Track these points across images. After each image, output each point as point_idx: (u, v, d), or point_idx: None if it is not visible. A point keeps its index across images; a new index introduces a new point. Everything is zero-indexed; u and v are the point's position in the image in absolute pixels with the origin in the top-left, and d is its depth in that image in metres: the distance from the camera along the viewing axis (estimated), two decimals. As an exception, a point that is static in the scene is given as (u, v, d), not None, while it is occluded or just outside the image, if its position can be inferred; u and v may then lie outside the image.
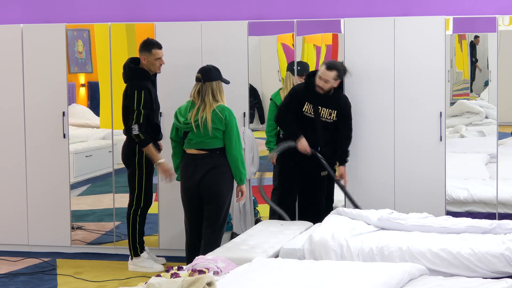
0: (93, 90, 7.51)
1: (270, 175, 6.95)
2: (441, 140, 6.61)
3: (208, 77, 5.73)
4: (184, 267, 4.62)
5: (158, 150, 6.57)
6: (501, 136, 6.85)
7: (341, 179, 6.50)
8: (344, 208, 5.87)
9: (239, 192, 5.91)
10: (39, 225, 7.34)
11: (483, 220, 5.48)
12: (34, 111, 7.28)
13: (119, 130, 6.88)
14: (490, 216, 6.53)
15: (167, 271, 4.48)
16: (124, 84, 6.56)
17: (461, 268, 4.82)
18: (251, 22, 6.91)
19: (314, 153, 6.36)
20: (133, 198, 6.57)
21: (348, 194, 6.47)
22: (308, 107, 6.41)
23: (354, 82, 6.72)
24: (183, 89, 6.95)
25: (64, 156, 7.25)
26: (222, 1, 7.22)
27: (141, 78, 6.42)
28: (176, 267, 4.58)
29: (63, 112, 7.21)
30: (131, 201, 6.58)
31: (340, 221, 5.55)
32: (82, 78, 7.54)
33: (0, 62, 7.34)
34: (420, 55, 6.61)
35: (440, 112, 6.60)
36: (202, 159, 5.77)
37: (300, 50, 6.91)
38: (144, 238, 6.70)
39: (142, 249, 6.66)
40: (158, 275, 4.39)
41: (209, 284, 3.92)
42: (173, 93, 6.98)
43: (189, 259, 5.82)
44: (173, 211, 7.05)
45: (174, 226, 7.07)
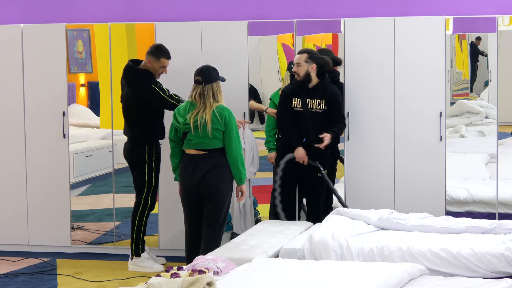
0: (93, 90, 7.51)
1: (269, 175, 6.94)
2: (441, 140, 6.61)
3: (209, 79, 5.73)
4: (184, 267, 4.61)
5: (159, 151, 6.60)
6: (501, 136, 6.84)
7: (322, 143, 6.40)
8: (344, 208, 5.87)
9: (239, 192, 5.91)
10: (39, 225, 7.34)
11: (483, 220, 5.48)
12: (34, 111, 7.28)
13: (119, 130, 6.88)
14: (490, 216, 6.53)
15: (167, 271, 4.48)
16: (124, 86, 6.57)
17: (461, 268, 4.81)
18: (251, 22, 6.91)
19: (312, 163, 6.37)
20: (140, 198, 6.57)
21: (336, 193, 6.47)
22: (296, 101, 6.42)
23: (354, 82, 6.72)
24: (183, 88, 6.95)
25: (64, 156, 7.25)
26: (222, 1, 7.22)
27: (147, 78, 6.47)
28: (176, 267, 4.58)
29: (63, 112, 7.21)
30: (139, 201, 6.58)
31: (340, 221, 5.55)
32: (82, 78, 7.54)
33: (0, 62, 7.34)
34: (420, 55, 6.61)
35: (440, 112, 6.60)
36: (201, 159, 5.77)
37: (300, 50, 6.91)
38: (144, 238, 6.71)
39: (143, 249, 6.67)
40: (158, 275, 4.39)
41: (209, 284, 3.92)
42: (173, 92, 6.97)
43: (188, 259, 5.82)
44: (173, 211, 7.05)
45: (174, 226, 7.07)
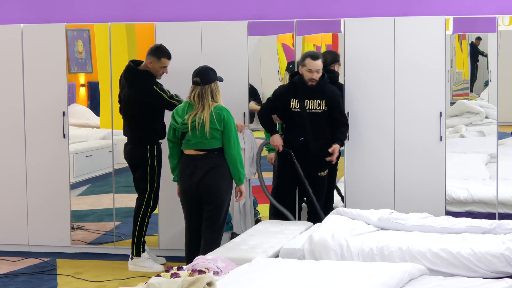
0: (93, 90, 7.50)
1: (269, 175, 6.94)
2: (441, 140, 6.61)
3: (207, 80, 5.72)
4: (184, 267, 4.61)
5: (161, 151, 6.60)
6: (501, 136, 6.84)
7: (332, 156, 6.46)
8: (344, 208, 5.87)
9: (238, 192, 5.91)
10: (39, 225, 7.34)
11: (483, 220, 5.48)
12: (34, 111, 7.28)
13: (119, 130, 6.88)
14: (490, 216, 6.53)
15: (167, 271, 4.48)
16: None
17: (461, 268, 4.82)
18: (251, 22, 6.91)
19: (287, 151, 6.41)
20: (143, 198, 6.57)
21: (315, 202, 6.44)
22: (294, 102, 6.44)
23: (354, 82, 6.72)
24: (183, 88, 6.93)
25: (64, 156, 7.25)
26: (222, 1, 7.22)
27: (148, 79, 6.46)
28: (176, 267, 4.58)
29: (63, 112, 7.21)
30: (141, 201, 6.58)
31: (340, 221, 5.55)
32: (82, 78, 7.54)
33: (0, 62, 7.34)
34: (420, 55, 6.61)
35: (440, 112, 6.60)
36: (200, 160, 5.76)
37: (300, 50, 6.90)
38: (145, 238, 6.70)
39: (143, 249, 6.67)
40: (158, 275, 4.39)
41: (209, 284, 3.92)
42: (173, 92, 6.97)
43: (188, 259, 5.82)
44: (173, 211, 7.05)
45: (174, 226, 7.07)
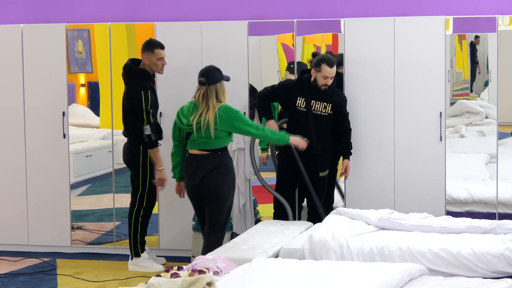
0: (93, 90, 7.50)
1: (268, 175, 6.93)
2: (441, 140, 6.61)
3: (212, 80, 5.73)
4: (184, 267, 4.62)
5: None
6: (501, 136, 6.84)
7: (345, 173, 6.56)
8: (344, 208, 5.87)
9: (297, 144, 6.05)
10: (39, 225, 7.34)
11: (483, 220, 5.48)
12: (34, 111, 7.28)
13: (119, 130, 6.88)
14: (490, 216, 6.53)
15: (167, 271, 4.48)
16: (123, 84, 6.56)
17: (461, 268, 4.81)
18: (251, 22, 6.91)
19: (295, 157, 6.40)
20: (136, 198, 6.56)
21: (316, 201, 6.46)
22: (300, 101, 6.42)
23: (354, 82, 6.72)
24: (183, 89, 6.95)
25: (64, 156, 7.24)
26: (222, 1, 7.22)
27: (144, 78, 6.43)
28: (176, 267, 4.58)
29: (63, 112, 7.21)
30: (134, 201, 6.58)
31: (340, 221, 5.55)
32: (82, 78, 7.54)
33: (0, 62, 7.34)
34: (420, 55, 6.61)
35: (440, 112, 6.60)
36: (203, 160, 5.77)
37: (300, 50, 6.91)
38: (145, 238, 6.70)
39: (143, 249, 6.66)
40: (158, 275, 4.39)
41: (209, 284, 3.92)
42: (173, 93, 6.98)
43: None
44: (173, 211, 7.05)
45: (174, 226, 7.07)
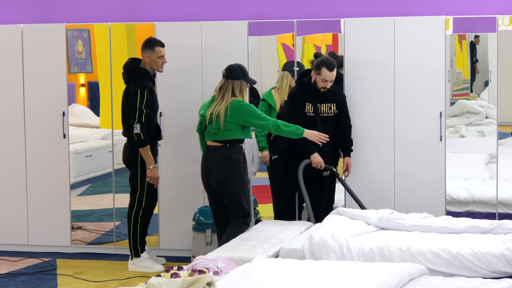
0: (93, 90, 7.51)
1: (262, 175, 6.94)
2: (441, 140, 6.61)
3: (231, 75, 5.96)
4: (184, 267, 4.62)
5: (156, 153, 6.59)
6: (501, 136, 6.84)
7: (347, 171, 6.58)
8: (344, 208, 5.86)
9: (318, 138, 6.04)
10: (39, 225, 7.34)
11: (483, 220, 5.47)
12: (34, 111, 7.28)
13: (119, 130, 6.88)
14: (490, 216, 6.53)
15: (167, 271, 4.48)
16: (124, 84, 6.56)
17: (461, 268, 4.81)
18: (251, 22, 6.91)
19: (329, 168, 6.40)
20: (134, 198, 6.56)
21: (351, 191, 6.47)
22: (309, 106, 6.43)
23: (354, 82, 6.72)
24: (183, 89, 6.96)
25: (64, 156, 7.25)
26: (222, 1, 7.22)
27: (143, 77, 6.43)
28: (176, 267, 4.58)
29: (63, 112, 7.21)
30: (133, 201, 6.57)
31: (340, 221, 5.55)
32: (82, 78, 7.54)
33: (0, 62, 7.34)
34: (420, 55, 6.61)
35: (440, 112, 6.60)
36: (214, 151, 5.98)
37: (300, 50, 6.91)
38: (145, 238, 6.70)
39: (143, 249, 6.66)
40: (158, 275, 4.39)
41: (209, 284, 3.92)
42: (173, 92, 6.98)
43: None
44: (173, 211, 7.05)
45: (174, 226, 7.07)
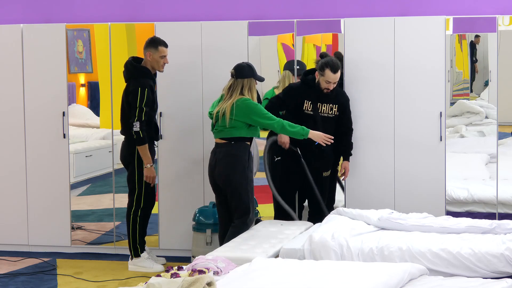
0: (93, 90, 7.51)
1: (261, 175, 6.93)
2: (441, 140, 6.61)
3: (240, 74, 5.99)
4: (184, 267, 4.62)
5: (153, 153, 6.59)
6: (501, 136, 6.84)
7: (344, 175, 6.59)
8: (344, 208, 5.87)
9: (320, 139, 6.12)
10: (39, 225, 7.34)
11: (483, 220, 5.48)
12: (34, 111, 7.28)
13: (119, 130, 6.87)
14: (490, 216, 6.53)
15: (167, 271, 4.48)
16: (124, 83, 6.56)
17: (461, 268, 4.81)
18: (251, 22, 6.91)
19: (293, 150, 6.40)
20: (133, 198, 6.56)
21: (321, 202, 6.46)
22: (307, 104, 6.43)
23: (354, 82, 6.72)
24: (183, 89, 6.96)
25: (64, 156, 7.25)
26: (222, 1, 7.22)
27: (143, 75, 6.43)
28: (176, 267, 4.58)
29: (63, 112, 7.21)
30: (131, 201, 6.57)
31: (340, 221, 5.56)
32: (82, 78, 7.54)
33: (0, 62, 7.34)
34: (420, 55, 6.61)
35: (440, 112, 6.60)
36: (219, 148, 6.04)
37: (300, 50, 6.91)
38: (145, 238, 6.69)
39: (143, 249, 6.66)
40: (158, 275, 4.39)
41: (209, 284, 3.92)
42: (173, 92, 6.98)
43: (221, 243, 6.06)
44: (173, 211, 7.05)
45: (174, 226, 7.07)
